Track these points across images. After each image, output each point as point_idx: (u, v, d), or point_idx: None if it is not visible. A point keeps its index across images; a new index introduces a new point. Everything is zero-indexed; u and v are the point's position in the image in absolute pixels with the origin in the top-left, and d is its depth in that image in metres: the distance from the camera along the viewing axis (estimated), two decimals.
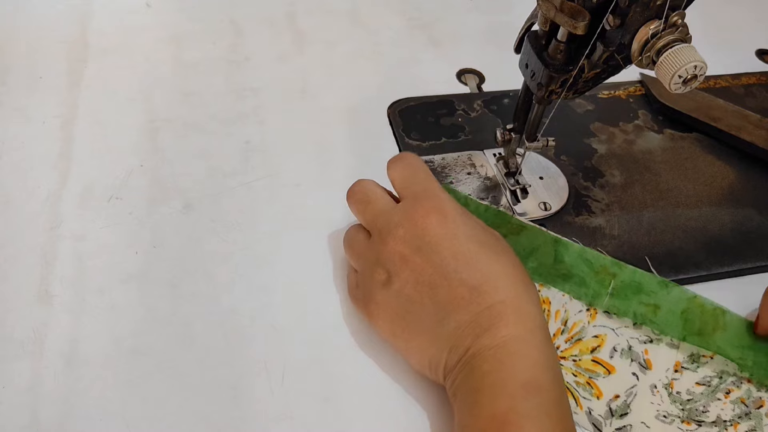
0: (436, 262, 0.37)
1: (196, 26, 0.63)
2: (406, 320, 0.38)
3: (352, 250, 0.43)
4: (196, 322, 0.42)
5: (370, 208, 0.41)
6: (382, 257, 0.39)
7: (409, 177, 0.41)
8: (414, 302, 0.38)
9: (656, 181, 0.53)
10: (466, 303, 0.36)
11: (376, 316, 0.39)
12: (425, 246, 0.38)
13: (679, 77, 0.35)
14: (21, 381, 0.38)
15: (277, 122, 0.55)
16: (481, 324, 0.36)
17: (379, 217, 0.40)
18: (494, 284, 0.37)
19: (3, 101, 0.54)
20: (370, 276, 0.40)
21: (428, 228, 0.38)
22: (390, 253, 0.38)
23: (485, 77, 0.62)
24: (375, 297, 0.39)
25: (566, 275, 0.44)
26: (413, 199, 0.40)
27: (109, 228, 0.46)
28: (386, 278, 0.39)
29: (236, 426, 0.38)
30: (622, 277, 0.43)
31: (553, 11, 0.37)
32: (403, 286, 0.38)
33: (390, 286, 0.38)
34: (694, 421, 0.39)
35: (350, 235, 0.43)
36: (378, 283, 0.39)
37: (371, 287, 0.39)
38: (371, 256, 0.40)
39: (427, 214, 0.38)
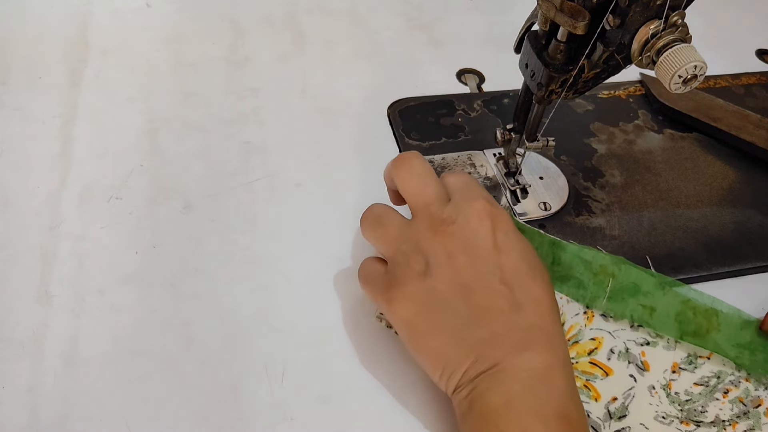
0: (482, 268, 0.36)
1: (196, 26, 0.63)
2: (432, 317, 0.36)
3: (382, 230, 0.39)
4: (196, 322, 0.42)
5: (425, 190, 0.39)
6: (424, 246, 0.37)
7: (464, 182, 0.40)
8: (446, 301, 0.35)
9: (656, 181, 0.53)
10: (504, 317, 0.35)
11: (399, 304, 0.36)
12: (473, 249, 0.36)
13: (679, 77, 0.35)
14: (21, 381, 0.38)
15: (277, 122, 0.55)
16: (516, 342, 0.34)
17: (431, 205, 0.38)
18: (536, 308, 0.36)
19: (3, 101, 0.54)
20: (404, 262, 0.37)
21: (482, 232, 0.37)
22: (435, 244, 0.36)
23: (485, 77, 0.62)
24: (405, 285, 0.36)
25: (564, 277, 0.44)
26: (470, 199, 0.38)
27: (109, 228, 0.46)
28: (424, 268, 0.36)
29: (236, 426, 0.38)
30: (620, 278, 0.43)
31: (553, 11, 0.37)
32: (439, 281, 0.36)
33: (425, 277, 0.36)
34: (692, 422, 0.39)
35: (379, 212, 0.40)
36: (413, 271, 0.36)
37: (403, 273, 0.36)
38: (410, 241, 0.37)
39: (483, 219, 0.37)
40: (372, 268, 0.39)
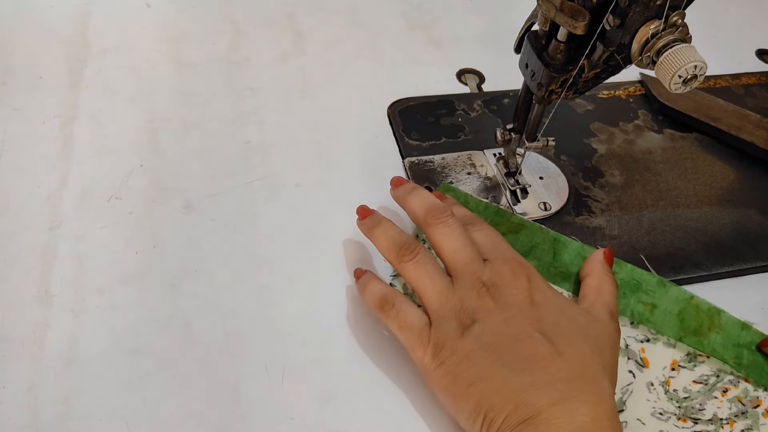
0: (524, 322, 0.37)
1: (196, 26, 0.63)
2: (476, 365, 0.36)
3: (429, 281, 0.39)
4: (196, 322, 0.42)
5: (463, 251, 0.40)
6: (468, 304, 0.38)
7: (493, 242, 0.41)
8: (490, 351, 0.36)
9: (656, 181, 0.53)
10: (547, 364, 0.35)
11: (449, 361, 0.37)
12: (514, 307, 0.37)
13: (679, 77, 0.35)
14: (21, 381, 0.38)
15: (277, 122, 0.55)
16: (558, 390, 0.34)
17: (469, 264, 0.39)
18: (580, 358, 0.36)
19: (3, 101, 0.54)
20: (450, 321, 0.37)
21: (520, 291, 0.38)
22: (479, 304, 0.38)
23: (485, 77, 0.62)
24: (454, 344, 0.37)
25: (565, 273, 0.44)
26: (505, 261, 0.40)
27: (109, 228, 0.46)
28: (469, 324, 0.37)
29: (236, 426, 0.38)
30: (621, 275, 0.43)
31: (553, 11, 0.37)
32: (485, 333, 0.37)
33: (471, 331, 0.37)
34: (690, 419, 0.39)
35: (427, 261, 0.40)
36: (460, 327, 0.37)
37: (451, 333, 0.37)
38: (455, 299, 0.38)
39: (519, 278, 0.39)
40: (413, 316, 0.39)
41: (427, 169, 0.52)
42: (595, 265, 0.42)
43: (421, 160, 0.52)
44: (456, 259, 0.40)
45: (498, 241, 0.42)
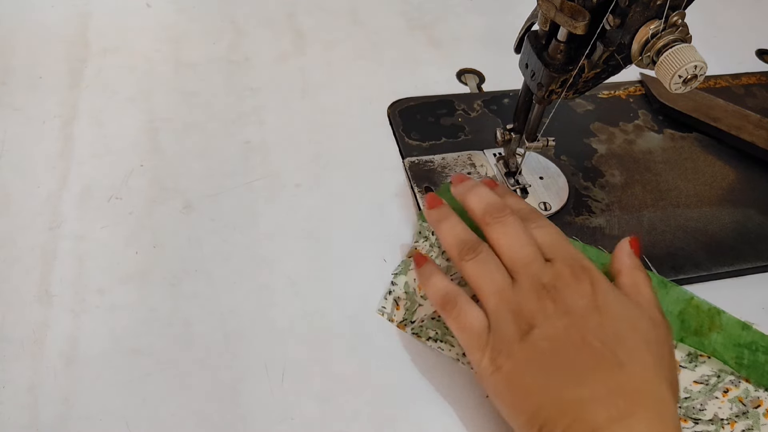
0: (583, 329, 0.35)
1: (196, 26, 0.63)
2: (534, 375, 0.35)
3: (489, 279, 0.38)
4: (196, 322, 0.42)
5: (523, 250, 0.39)
6: (528, 307, 0.37)
7: (554, 240, 0.40)
8: (548, 359, 0.35)
9: (656, 181, 0.53)
10: (607, 376, 0.34)
11: (506, 367, 0.36)
12: (574, 311, 0.36)
13: (679, 77, 0.35)
14: (21, 381, 0.38)
15: (277, 122, 0.55)
16: (618, 406, 0.33)
17: (530, 265, 0.38)
18: (641, 370, 0.34)
19: (3, 101, 0.54)
20: (508, 324, 0.37)
21: (582, 295, 0.37)
22: (538, 307, 0.36)
23: (485, 77, 0.62)
24: (512, 349, 0.36)
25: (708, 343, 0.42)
26: (567, 262, 0.38)
27: (109, 228, 0.46)
28: (527, 329, 0.36)
29: (236, 426, 0.38)
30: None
31: (553, 11, 0.37)
32: (542, 340, 0.35)
33: (529, 337, 0.36)
34: (690, 419, 0.39)
35: (487, 259, 0.39)
36: (518, 333, 0.36)
37: (510, 337, 0.36)
38: (513, 302, 0.37)
39: (582, 282, 0.37)
40: (474, 318, 0.38)
41: (427, 169, 0.52)
42: (624, 261, 0.40)
43: (421, 160, 0.52)
44: (515, 259, 0.39)
45: (559, 238, 0.40)
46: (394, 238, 0.47)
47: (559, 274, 0.38)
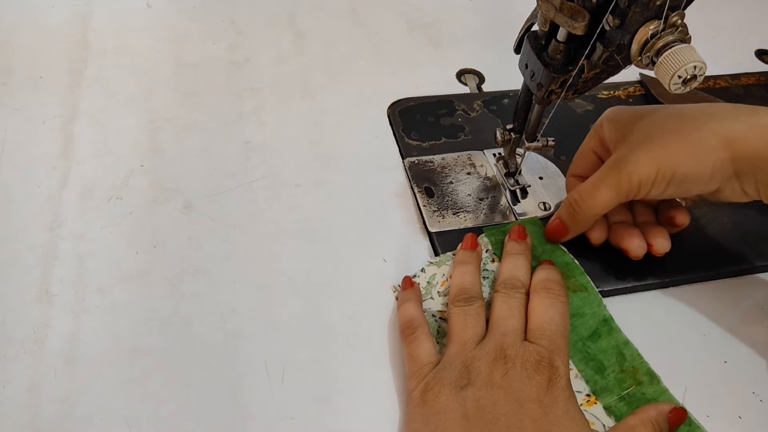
0: (511, 411, 0.35)
1: (196, 26, 0.63)
2: (444, 423, 0.36)
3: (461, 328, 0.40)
4: (196, 322, 0.42)
5: (507, 322, 0.40)
6: (477, 366, 0.37)
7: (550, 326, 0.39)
8: (465, 417, 0.36)
9: None
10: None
11: (427, 407, 0.37)
12: (516, 393, 0.36)
13: (679, 77, 0.35)
14: (21, 381, 0.38)
15: (277, 122, 0.55)
16: None
17: (506, 336, 0.39)
18: None
19: (3, 101, 0.54)
20: (454, 372, 0.38)
21: (533, 384, 0.36)
22: (486, 371, 0.37)
23: (485, 77, 0.62)
24: (440, 394, 0.37)
25: (596, 362, 0.41)
26: (541, 351, 0.38)
27: (110, 228, 0.46)
28: (464, 384, 0.37)
29: (236, 426, 0.38)
30: (645, 389, 0.40)
31: (553, 11, 0.37)
32: (469, 399, 0.36)
33: (460, 391, 0.36)
34: None
35: (472, 312, 0.40)
36: (456, 385, 0.37)
37: (446, 382, 0.37)
38: (470, 355, 0.38)
39: (541, 373, 0.37)
40: (423, 350, 0.40)
41: (427, 169, 0.52)
42: (650, 412, 0.38)
43: (421, 160, 0.52)
44: (497, 324, 0.40)
45: (554, 327, 0.39)
46: (394, 238, 0.48)
47: (526, 356, 0.37)
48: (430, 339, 0.40)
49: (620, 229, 0.46)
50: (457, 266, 0.44)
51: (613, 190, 0.42)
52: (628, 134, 0.43)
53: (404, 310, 0.42)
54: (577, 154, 0.48)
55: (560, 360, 0.38)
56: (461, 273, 0.43)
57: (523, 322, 0.40)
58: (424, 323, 0.41)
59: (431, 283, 0.44)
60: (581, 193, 0.44)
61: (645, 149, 0.41)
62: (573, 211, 0.44)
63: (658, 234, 0.46)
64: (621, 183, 0.42)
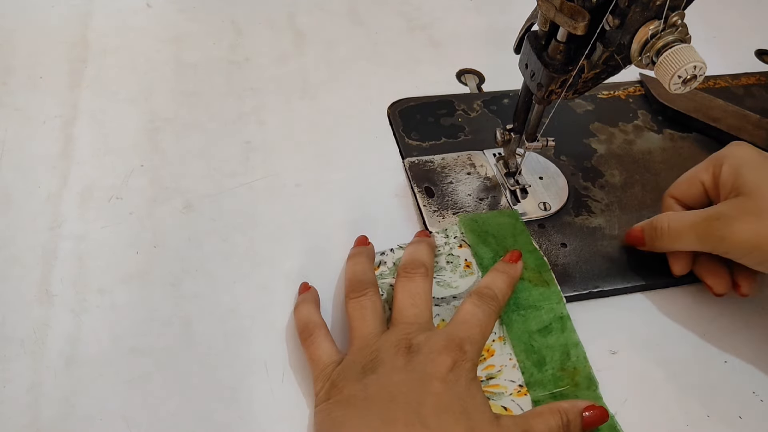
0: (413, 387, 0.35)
1: (196, 26, 0.63)
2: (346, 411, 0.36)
3: (361, 322, 0.40)
4: (196, 322, 0.42)
5: (416, 314, 0.39)
6: (381, 356, 0.37)
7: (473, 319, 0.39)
8: (367, 401, 0.35)
9: (656, 181, 0.53)
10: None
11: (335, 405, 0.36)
12: (419, 372, 0.36)
13: (679, 77, 0.35)
14: (21, 380, 0.38)
15: (277, 122, 0.55)
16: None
17: (411, 325, 0.39)
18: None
19: (3, 101, 0.54)
20: (357, 365, 0.37)
21: (437, 363, 0.36)
22: (390, 359, 0.37)
23: (485, 77, 0.62)
24: (344, 389, 0.37)
25: (537, 356, 0.41)
26: (449, 338, 0.37)
27: (110, 228, 0.46)
28: (369, 373, 0.37)
29: (236, 426, 0.38)
30: (579, 392, 0.40)
31: (553, 11, 0.37)
32: (372, 384, 0.36)
33: (363, 377, 0.36)
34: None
35: (367, 305, 0.40)
36: (358, 375, 0.37)
37: (351, 377, 0.37)
38: (375, 347, 0.38)
39: (447, 354, 0.36)
40: (323, 351, 0.39)
41: (427, 169, 0.52)
42: (562, 404, 0.38)
43: (421, 160, 0.52)
44: (399, 312, 0.40)
45: (473, 323, 0.39)
46: (394, 238, 0.47)
47: (432, 343, 0.37)
48: (329, 339, 0.40)
49: (707, 264, 0.45)
50: (348, 260, 0.44)
51: (701, 241, 0.42)
52: (745, 190, 0.41)
53: (300, 312, 0.42)
54: (684, 176, 0.47)
55: (471, 348, 0.37)
56: (352, 265, 0.43)
57: (428, 307, 0.40)
58: (322, 324, 0.41)
59: (396, 264, 0.45)
60: (670, 225, 0.43)
61: (753, 220, 0.40)
62: (655, 235, 0.44)
63: (747, 277, 0.44)
64: (711, 240, 0.41)
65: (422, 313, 0.40)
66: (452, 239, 0.46)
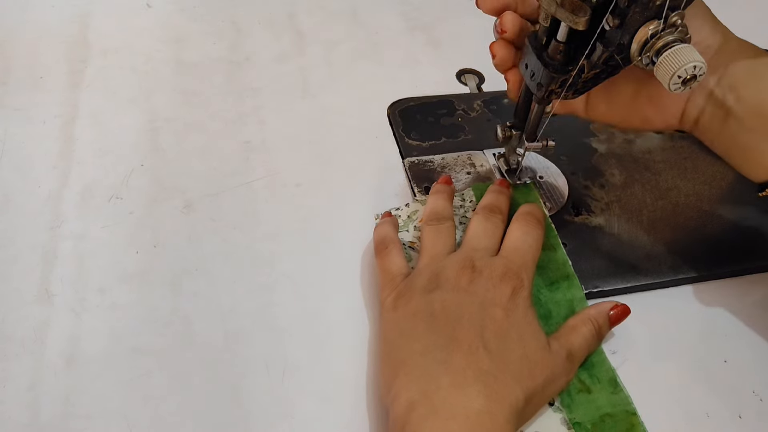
0: (476, 310, 0.38)
1: (196, 26, 0.63)
2: (413, 324, 0.38)
3: (434, 240, 0.43)
4: (196, 322, 0.42)
5: (481, 240, 0.42)
6: (446, 273, 0.40)
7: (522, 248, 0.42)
8: (432, 316, 0.38)
9: (656, 180, 0.53)
10: (469, 351, 0.36)
11: (399, 311, 0.39)
12: (480, 296, 0.38)
13: (679, 77, 0.35)
14: (22, 380, 0.39)
15: (277, 122, 0.55)
16: (466, 377, 0.35)
17: (476, 251, 0.41)
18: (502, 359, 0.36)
19: (3, 101, 0.54)
20: (423, 280, 0.40)
21: (497, 292, 0.39)
22: (453, 277, 0.39)
23: (485, 77, 0.62)
24: (411, 300, 0.39)
25: (544, 309, 0.43)
26: (509, 263, 0.40)
27: (110, 228, 0.46)
28: (433, 288, 0.39)
29: (236, 426, 0.38)
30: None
31: (554, 6, 0.37)
32: (437, 301, 0.38)
33: (428, 294, 0.39)
34: None
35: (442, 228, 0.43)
36: (424, 289, 0.39)
37: (416, 289, 0.40)
38: (439, 265, 0.41)
39: (505, 283, 0.39)
40: (394, 263, 0.43)
41: (427, 169, 0.52)
42: (589, 310, 0.42)
43: (421, 160, 0.52)
44: (468, 239, 0.43)
45: (525, 249, 0.42)
46: None
47: (492, 267, 0.40)
48: (401, 254, 0.43)
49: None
50: (431, 195, 0.46)
51: None
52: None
53: (379, 230, 0.45)
54: None
55: (527, 276, 0.40)
56: (435, 199, 0.46)
57: (496, 244, 0.43)
58: (397, 241, 0.44)
59: (411, 217, 0.47)
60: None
61: None
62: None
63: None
64: None
65: (489, 245, 0.42)
66: (468, 203, 0.48)
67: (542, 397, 0.38)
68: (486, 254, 0.41)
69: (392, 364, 0.38)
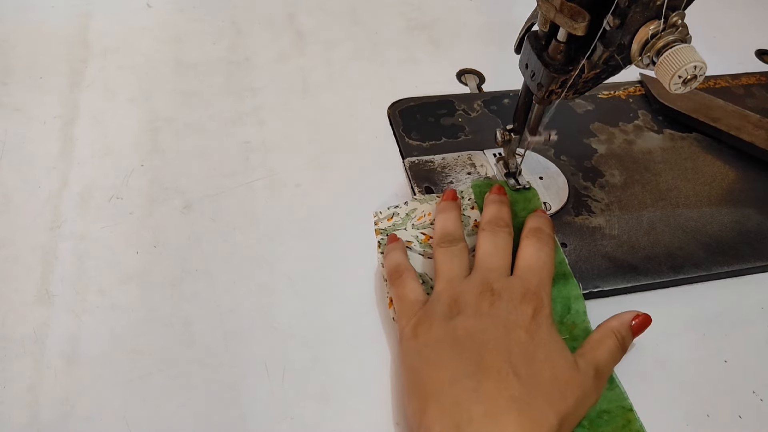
0: (500, 334, 0.37)
1: (196, 26, 0.63)
2: (438, 352, 0.37)
3: (449, 265, 0.42)
4: (196, 322, 0.42)
5: (493, 260, 0.42)
6: (466, 298, 0.39)
7: (537, 265, 0.41)
8: (457, 344, 0.37)
9: (656, 181, 0.53)
10: (499, 378, 0.35)
11: (420, 339, 0.38)
12: (503, 320, 0.38)
13: (679, 77, 0.35)
14: (21, 380, 0.38)
15: (277, 122, 0.55)
16: (499, 406, 0.34)
17: (492, 271, 0.41)
18: (533, 384, 0.36)
19: (3, 101, 0.54)
20: (442, 306, 0.39)
21: (519, 313, 0.38)
22: (474, 303, 0.39)
23: (485, 77, 0.62)
24: (432, 326, 0.38)
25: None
26: (526, 284, 0.40)
27: (110, 228, 0.46)
28: (454, 315, 0.39)
29: (236, 426, 0.38)
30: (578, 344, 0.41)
31: (553, 12, 0.37)
32: (461, 327, 0.38)
33: (450, 321, 0.38)
34: None
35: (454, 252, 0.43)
36: (445, 316, 0.39)
37: (436, 315, 0.39)
38: (458, 290, 0.40)
39: (527, 303, 0.39)
40: (411, 290, 0.42)
41: (427, 169, 0.52)
42: (610, 322, 0.41)
43: (421, 160, 0.52)
44: (481, 260, 0.42)
45: (540, 266, 0.41)
46: None
47: (511, 287, 0.40)
48: (417, 280, 0.43)
49: None
50: (440, 213, 0.46)
51: None
52: None
53: (390, 257, 0.44)
54: None
55: (545, 295, 0.40)
56: (444, 219, 0.45)
57: (508, 260, 0.42)
58: (410, 267, 0.44)
59: (409, 215, 0.47)
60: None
61: None
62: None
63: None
64: None
65: (503, 263, 0.42)
66: (466, 200, 0.48)
67: (574, 418, 0.37)
68: (502, 274, 0.41)
69: (420, 394, 0.36)
